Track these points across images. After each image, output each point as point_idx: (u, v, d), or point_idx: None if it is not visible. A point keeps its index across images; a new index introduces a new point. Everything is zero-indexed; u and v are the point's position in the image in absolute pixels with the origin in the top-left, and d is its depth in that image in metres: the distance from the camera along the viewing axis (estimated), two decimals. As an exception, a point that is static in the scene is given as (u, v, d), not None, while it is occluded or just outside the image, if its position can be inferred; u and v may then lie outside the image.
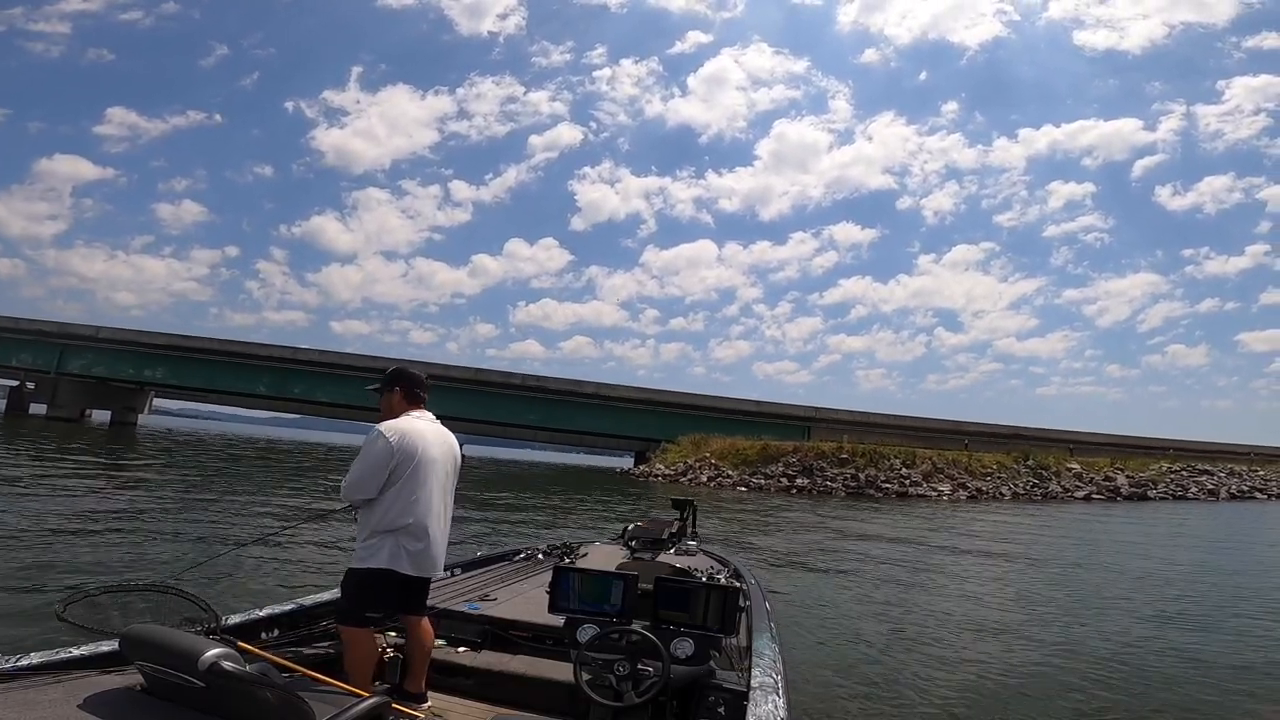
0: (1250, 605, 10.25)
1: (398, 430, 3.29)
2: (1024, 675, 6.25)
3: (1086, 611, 9.35)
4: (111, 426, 53.25)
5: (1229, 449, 55.33)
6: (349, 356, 54.92)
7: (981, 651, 7.00)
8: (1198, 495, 40.84)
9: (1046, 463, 41.54)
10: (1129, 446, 53.02)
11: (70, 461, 20.19)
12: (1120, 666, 6.66)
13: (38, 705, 1.98)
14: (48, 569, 7.45)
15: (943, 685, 5.81)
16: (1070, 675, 6.27)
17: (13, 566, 7.42)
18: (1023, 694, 5.73)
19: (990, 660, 6.67)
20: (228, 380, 55.41)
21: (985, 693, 5.70)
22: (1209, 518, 29.04)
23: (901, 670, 6.18)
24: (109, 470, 19.52)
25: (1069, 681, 6.09)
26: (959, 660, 6.62)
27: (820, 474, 36.78)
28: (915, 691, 5.63)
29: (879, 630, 7.61)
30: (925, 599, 9.71)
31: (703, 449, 41.83)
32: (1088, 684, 6.04)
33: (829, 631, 7.37)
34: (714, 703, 2.94)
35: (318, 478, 22.60)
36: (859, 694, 5.46)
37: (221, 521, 11.76)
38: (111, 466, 20.96)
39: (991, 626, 8.16)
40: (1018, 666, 6.51)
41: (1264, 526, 27.06)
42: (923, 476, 37.17)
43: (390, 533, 3.19)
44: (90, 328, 54.35)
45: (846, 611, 8.50)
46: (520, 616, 3.85)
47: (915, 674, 6.08)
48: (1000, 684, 5.94)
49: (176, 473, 21.55)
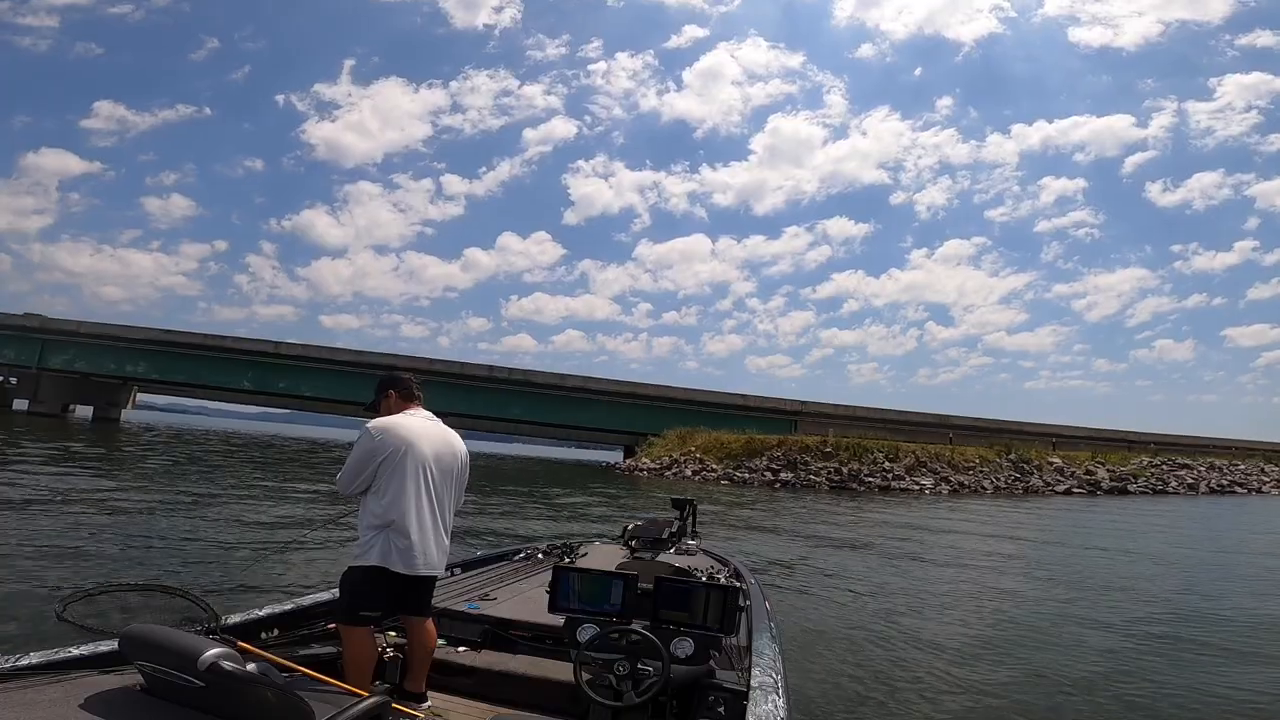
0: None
1: (384, 427, 3.30)
2: (1016, 672, 6.31)
3: (1073, 609, 9.46)
4: (94, 422, 52.82)
5: (1211, 443, 56.00)
6: (333, 350, 54.64)
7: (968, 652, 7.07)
8: (1177, 490, 41.36)
9: (1028, 457, 42.02)
10: (1111, 441, 53.71)
11: (45, 457, 20.00)
12: (1108, 665, 6.75)
13: (37, 705, 1.97)
14: (29, 570, 7.37)
15: (932, 684, 5.86)
16: (1066, 674, 6.32)
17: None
18: (1020, 692, 5.77)
19: (983, 658, 6.73)
20: (211, 375, 54.91)
21: (982, 691, 5.73)
22: (1175, 513, 29.12)
23: (890, 669, 6.22)
24: (88, 467, 19.31)
25: (1066, 681, 6.13)
26: (948, 659, 6.68)
27: (804, 468, 37.01)
28: (906, 687, 5.68)
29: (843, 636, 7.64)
30: (900, 598, 9.77)
31: (688, 443, 41.98)
32: (1084, 683, 6.09)
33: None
34: (714, 702, 2.95)
35: (290, 472, 22.43)
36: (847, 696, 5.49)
37: (209, 520, 11.65)
38: (90, 463, 20.75)
39: (975, 627, 8.24)
40: (1009, 664, 6.59)
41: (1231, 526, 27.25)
42: (906, 470, 37.48)
43: (381, 529, 3.19)
44: (72, 322, 53.84)
45: (822, 616, 8.54)
46: (520, 616, 3.85)
47: (905, 673, 6.13)
48: (996, 682, 5.98)
49: (155, 468, 21.32)
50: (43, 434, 30.12)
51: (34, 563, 7.61)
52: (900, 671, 6.07)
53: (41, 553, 8.07)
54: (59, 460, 19.61)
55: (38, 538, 8.86)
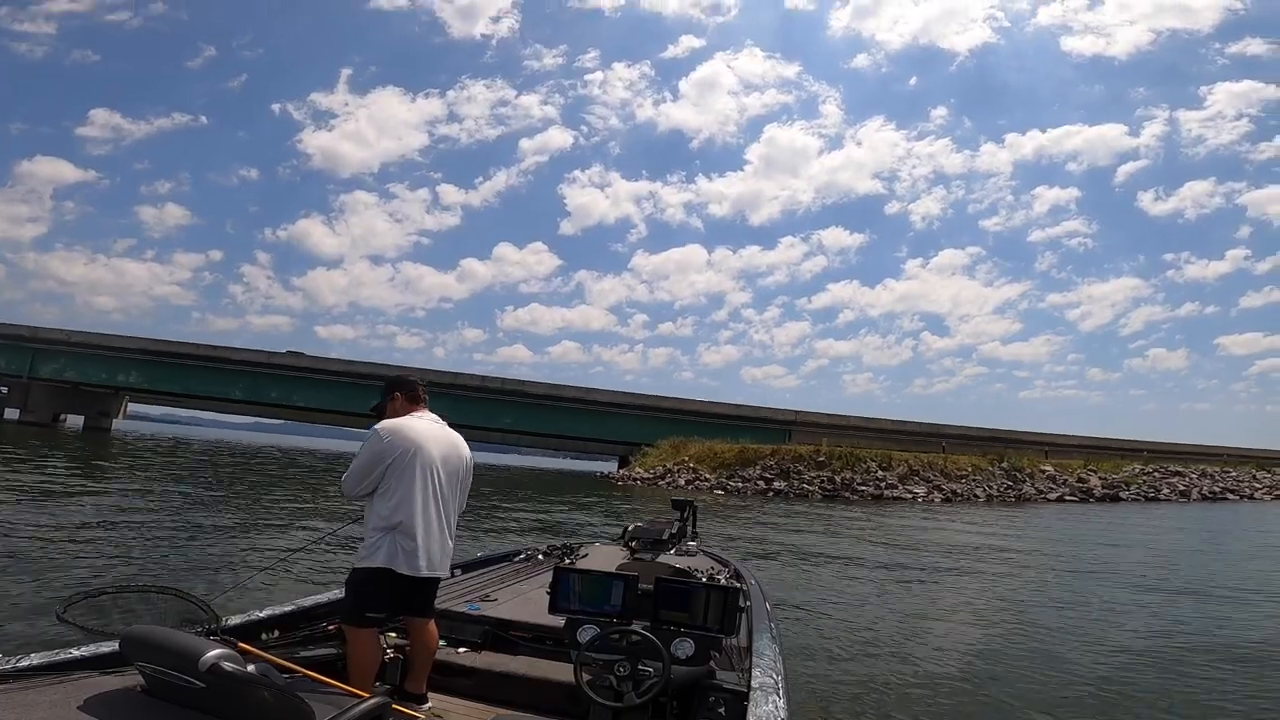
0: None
1: (393, 429, 3.32)
2: (1011, 669, 6.33)
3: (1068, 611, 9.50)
4: (85, 432, 52.52)
5: (1203, 450, 56.18)
6: (325, 361, 54.43)
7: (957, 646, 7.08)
8: (1170, 496, 41.45)
9: (1020, 465, 42.09)
10: (1104, 448, 53.81)
11: (32, 466, 19.89)
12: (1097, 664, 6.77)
13: (38, 706, 1.99)
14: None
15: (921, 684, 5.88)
16: (1060, 670, 6.37)
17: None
18: (1017, 689, 5.80)
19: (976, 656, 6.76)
20: (202, 385, 54.67)
21: (978, 688, 5.77)
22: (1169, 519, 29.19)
23: (883, 672, 6.24)
24: (75, 475, 19.20)
25: (1060, 676, 6.19)
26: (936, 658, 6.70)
27: (797, 477, 37.05)
28: (900, 686, 5.69)
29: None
30: (900, 603, 9.80)
31: (682, 453, 41.94)
32: (1078, 680, 6.14)
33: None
34: (714, 703, 2.96)
35: (250, 482, 22.25)
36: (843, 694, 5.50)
37: (190, 526, 11.64)
38: (75, 471, 20.63)
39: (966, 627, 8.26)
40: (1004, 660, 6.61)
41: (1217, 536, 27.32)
42: (898, 479, 37.52)
43: (388, 530, 3.20)
44: (62, 332, 53.56)
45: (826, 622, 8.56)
46: (521, 617, 3.86)
47: (899, 675, 6.14)
48: (991, 680, 6.02)
49: (141, 478, 21.21)
50: (31, 444, 29.89)
51: (32, 563, 7.62)
52: (873, 674, 6.08)
53: (36, 555, 8.07)
54: (41, 468, 19.48)
55: (31, 541, 8.83)
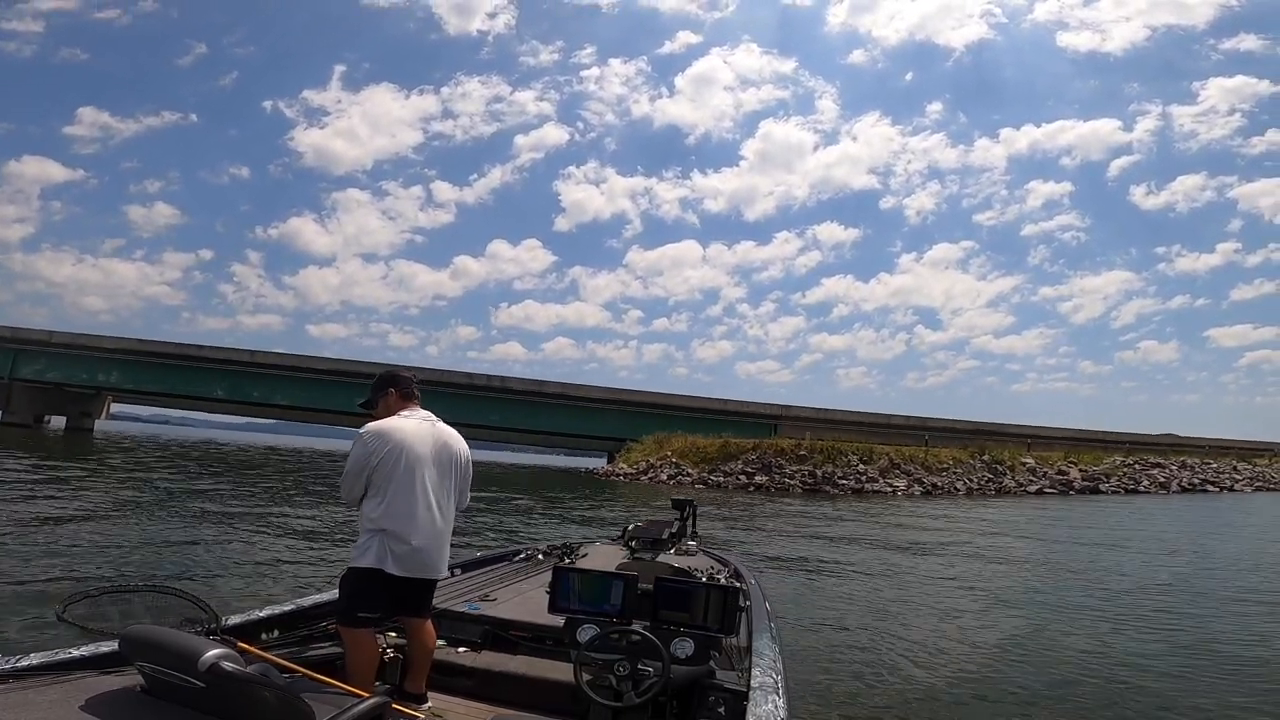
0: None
1: (377, 431, 3.29)
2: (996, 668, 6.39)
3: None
4: (67, 432, 52.01)
5: (1185, 442, 56.51)
6: (308, 359, 54.09)
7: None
8: (1149, 489, 41.69)
9: (1001, 458, 42.33)
10: (1087, 441, 54.17)
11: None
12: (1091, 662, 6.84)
13: (37, 706, 1.99)
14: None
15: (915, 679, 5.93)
16: (1058, 669, 6.41)
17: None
18: (1013, 687, 5.82)
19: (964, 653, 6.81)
20: (183, 384, 54.25)
21: (975, 688, 5.79)
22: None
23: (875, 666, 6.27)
24: (45, 474, 18.94)
25: (1057, 676, 6.21)
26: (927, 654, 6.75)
27: (779, 471, 37.15)
28: (895, 682, 5.74)
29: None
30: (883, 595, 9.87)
31: (665, 448, 41.97)
32: (1075, 679, 6.15)
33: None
34: (714, 703, 2.96)
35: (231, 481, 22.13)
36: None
37: (199, 525, 11.58)
38: (48, 470, 20.35)
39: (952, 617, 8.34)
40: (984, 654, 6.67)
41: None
42: (879, 473, 37.63)
43: (377, 532, 3.19)
44: (44, 332, 53.05)
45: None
46: (520, 617, 3.86)
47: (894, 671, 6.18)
48: (986, 678, 6.05)
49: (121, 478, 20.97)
50: (13, 445, 29.52)
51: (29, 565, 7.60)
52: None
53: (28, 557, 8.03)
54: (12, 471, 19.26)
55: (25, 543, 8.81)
